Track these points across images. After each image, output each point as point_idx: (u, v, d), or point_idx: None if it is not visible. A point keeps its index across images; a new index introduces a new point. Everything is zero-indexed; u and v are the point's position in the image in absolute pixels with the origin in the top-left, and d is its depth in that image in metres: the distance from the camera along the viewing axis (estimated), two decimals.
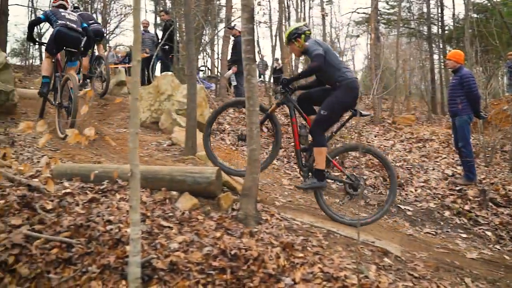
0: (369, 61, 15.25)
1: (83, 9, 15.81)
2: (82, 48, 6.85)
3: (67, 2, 6.85)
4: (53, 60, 6.40)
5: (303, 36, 4.51)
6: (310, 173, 4.60)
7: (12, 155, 4.38)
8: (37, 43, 7.90)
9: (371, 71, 12.56)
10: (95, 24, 9.34)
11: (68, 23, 6.30)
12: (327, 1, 28.99)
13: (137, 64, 2.32)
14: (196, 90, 5.56)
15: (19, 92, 6.92)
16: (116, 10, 29.21)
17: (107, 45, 15.75)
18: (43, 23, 6.81)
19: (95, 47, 9.68)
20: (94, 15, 27.01)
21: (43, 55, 7.69)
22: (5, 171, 3.89)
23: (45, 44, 6.47)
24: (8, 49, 16.99)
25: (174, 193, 3.86)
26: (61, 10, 6.54)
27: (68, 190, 3.64)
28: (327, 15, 5.80)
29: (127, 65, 13.87)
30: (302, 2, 22.61)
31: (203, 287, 2.50)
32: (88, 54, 9.16)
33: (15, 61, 22.50)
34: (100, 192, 3.74)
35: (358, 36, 28.98)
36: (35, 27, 6.47)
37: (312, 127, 4.50)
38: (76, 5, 10.08)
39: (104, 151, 5.40)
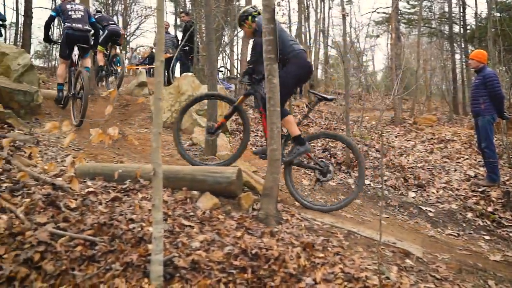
0: (389, 61, 15.11)
1: (104, 12, 16.06)
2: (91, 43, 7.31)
3: None
4: (68, 63, 7.00)
5: (250, 17, 4.79)
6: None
7: (37, 155, 4.47)
8: (52, 43, 8.24)
9: (391, 71, 12.46)
10: (113, 25, 9.83)
11: (74, 25, 6.73)
12: (346, 1, 28.95)
13: (160, 65, 2.35)
14: (216, 90, 5.59)
15: (43, 93, 7.05)
16: (136, 12, 29.63)
17: (128, 46, 15.94)
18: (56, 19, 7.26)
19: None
20: (115, 17, 27.38)
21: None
22: (30, 170, 3.97)
23: (59, 44, 7.08)
24: (32, 51, 17.35)
25: (195, 192, 3.89)
26: (68, 6, 6.88)
27: (91, 189, 3.70)
28: (347, 15, 5.79)
29: (147, 66, 14.08)
30: (322, 3, 22.63)
31: (224, 286, 2.51)
32: (104, 53, 9.66)
33: (38, 62, 23.00)
34: (122, 191, 3.80)
35: (378, 36, 28.81)
36: (51, 26, 7.23)
37: None
38: (98, 9, 10.39)
39: (126, 151, 5.47)
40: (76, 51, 7.11)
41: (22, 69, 6.51)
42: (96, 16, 8.58)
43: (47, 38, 7.17)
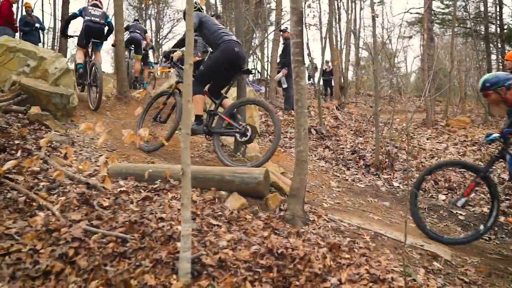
0: (421, 62, 14.87)
1: (141, 22, 16.55)
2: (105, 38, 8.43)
3: (100, 1, 8.50)
4: (84, 51, 8.16)
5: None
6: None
7: (73, 155, 4.62)
8: (68, 37, 9.19)
9: (423, 73, 12.26)
10: (133, 33, 11.32)
11: (92, 18, 8.01)
12: (378, 2, 28.63)
13: (189, 68, 2.42)
14: (246, 93, 5.66)
15: (78, 95, 7.28)
16: (169, 15, 30.12)
17: (160, 49, 16.31)
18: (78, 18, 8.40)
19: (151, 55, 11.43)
20: (148, 21, 27.91)
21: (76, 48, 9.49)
22: (66, 170, 4.13)
23: (77, 37, 8.23)
24: (68, 55, 17.89)
25: (223, 192, 3.96)
26: (89, 8, 8.20)
27: (123, 189, 3.82)
28: (377, 17, 5.76)
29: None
30: (353, 4, 22.48)
31: (250, 284, 2.56)
32: (139, 59, 11.11)
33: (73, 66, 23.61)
34: (153, 191, 3.90)
35: (410, 37, 28.41)
36: (70, 22, 8.61)
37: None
38: (136, 17, 10.96)
39: (157, 152, 5.59)
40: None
41: (58, 72, 6.74)
42: (130, 24, 9.17)
43: (64, 32, 8.69)
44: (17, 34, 11.23)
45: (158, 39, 30.25)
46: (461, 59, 21.14)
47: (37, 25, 11.38)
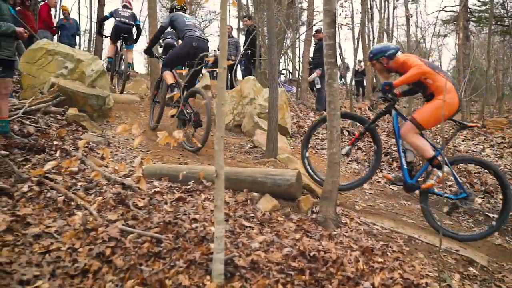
0: (457, 62, 14.53)
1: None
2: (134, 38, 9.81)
3: (129, 3, 9.77)
4: (115, 45, 9.73)
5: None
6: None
7: (109, 156, 4.74)
8: (103, 36, 10.85)
9: (459, 72, 11.98)
10: (168, 39, 11.57)
11: (122, 19, 9.33)
12: (411, 1, 28.15)
13: (223, 71, 2.45)
14: (278, 94, 5.67)
15: (113, 97, 7.44)
16: (201, 16, 30.41)
17: None
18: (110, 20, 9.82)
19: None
20: None
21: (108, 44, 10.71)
22: (102, 170, 4.23)
23: (109, 36, 9.79)
24: (103, 56, 18.27)
25: (255, 194, 3.98)
26: (120, 9, 9.51)
27: (157, 189, 3.89)
28: (411, 17, 5.64)
29: (211, 69, 14.61)
30: (386, 3, 22.15)
31: (282, 287, 2.57)
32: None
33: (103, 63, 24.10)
34: (186, 192, 3.96)
35: (445, 35, 27.78)
36: (103, 23, 10.41)
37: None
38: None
39: (190, 153, 5.66)
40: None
41: (95, 74, 6.90)
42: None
43: (100, 32, 10.46)
44: (55, 37, 11.53)
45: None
46: (498, 58, 20.55)
47: (63, 22, 11.65)
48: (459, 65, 11.97)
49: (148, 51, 6.85)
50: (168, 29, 7.07)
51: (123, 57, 9.45)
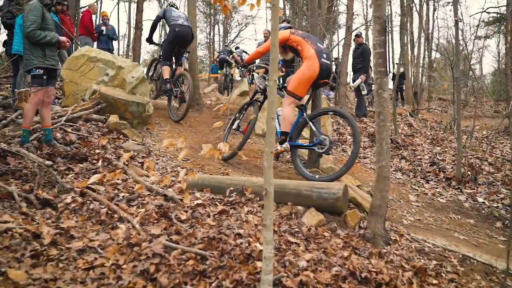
0: (503, 66, 13.96)
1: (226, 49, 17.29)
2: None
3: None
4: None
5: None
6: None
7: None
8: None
9: (506, 77, 11.47)
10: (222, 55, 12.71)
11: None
12: (452, 2, 27.38)
13: (274, 84, 2.33)
14: (320, 102, 5.51)
15: (152, 103, 7.44)
16: (237, 20, 30.53)
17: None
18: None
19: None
20: (216, 26, 28.43)
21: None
22: (144, 180, 4.18)
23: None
24: (140, 60, 18.59)
25: (300, 208, 3.84)
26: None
27: (199, 201, 3.80)
28: (461, 21, 5.37)
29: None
30: (426, 5, 21.61)
31: None
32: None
33: (143, 69, 24.57)
34: (229, 204, 3.86)
35: (488, 37, 26.89)
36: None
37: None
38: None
39: (230, 161, 5.57)
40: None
41: (135, 81, 6.93)
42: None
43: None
44: (95, 43, 11.68)
45: (225, 43, 30.72)
46: None
47: (102, 28, 11.67)
48: (507, 69, 11.44)
49: (150, 40, 8.26)
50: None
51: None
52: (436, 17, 30.86)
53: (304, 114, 5.14)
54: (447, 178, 6.35)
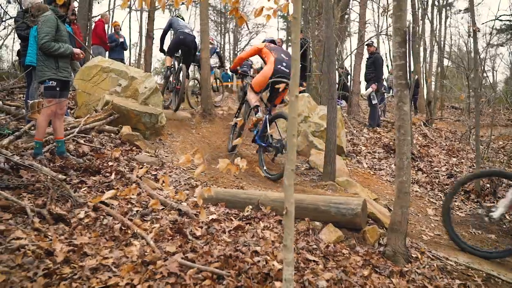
0: None
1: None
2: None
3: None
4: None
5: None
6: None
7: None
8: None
9: None
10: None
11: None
12: (464, 10, 27.16)
13: (295, 99, 2.24)
14: (336, 113, 5.41)
15: (165, 113, 7.40)
16: (248, 29, 30.57)
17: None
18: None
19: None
20: (227, 34, 28.52)
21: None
22: (157, 194, 4.11)
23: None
24: (151, 69, 18.66)
25: (317, 223, 3.74)
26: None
27: (214, 216, 3.71)
28: (479, 31, 5.26)
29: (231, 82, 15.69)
30: (438, 13, 21.45)
31: None
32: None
33: (156, 79, 24.71)
34: (244, 219, 3.77)
35: (500, 45, 26.61)
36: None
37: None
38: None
39: (244, 174, 5.48)
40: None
41: (148, 92, 6.89)
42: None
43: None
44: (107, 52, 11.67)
45: (236, 52, 30.75)
46: None
47: (121, 39, 11.78)
48: None
49: (162, 49, 8.93)
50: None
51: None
52: (449, 25, 30.65)
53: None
54: (466, 191, 6.18)
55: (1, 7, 9.21)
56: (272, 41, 7.50)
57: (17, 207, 3.38)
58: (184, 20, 8.94)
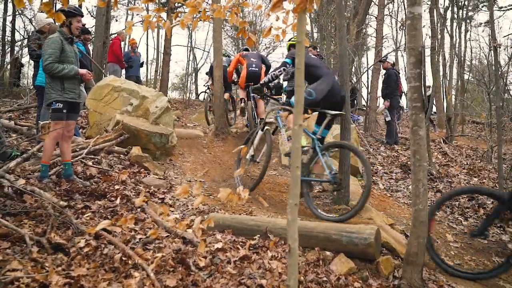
0: None
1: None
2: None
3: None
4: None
5: None
6: None
7: (168, 210, 4.40)
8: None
9: None
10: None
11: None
12: (484, 23, 26.72)
13: (299, 128, 2.09)
14: (350, 134, 5.22)
15: (177, 132, 7.29)
16: (264, 44, 30.61)
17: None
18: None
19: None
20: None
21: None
22: (162, 220, 3.97)
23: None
24: (169, 84, 18.71)
25: (328, 253, 3.55)
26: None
27: (220, 245, 3.54)
28: (499, 47, 5.05)
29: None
30: (457, 27, 21.09)
31: None
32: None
33: (174, 95, 24.78)
34: (251, 248, 3.59)
35: None
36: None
37: None
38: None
39: (254, 200, 5.28)
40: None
41: (159, 111, 6.80)
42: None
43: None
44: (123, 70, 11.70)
45: None
46: None
47: (138, 57, 11.92)
48: None
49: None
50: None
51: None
52: (469, 38, 30.18)
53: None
54: (488, 215, 5.89)
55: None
56: (246, 49, 9.09)
57: (16, 235, 3.28)
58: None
